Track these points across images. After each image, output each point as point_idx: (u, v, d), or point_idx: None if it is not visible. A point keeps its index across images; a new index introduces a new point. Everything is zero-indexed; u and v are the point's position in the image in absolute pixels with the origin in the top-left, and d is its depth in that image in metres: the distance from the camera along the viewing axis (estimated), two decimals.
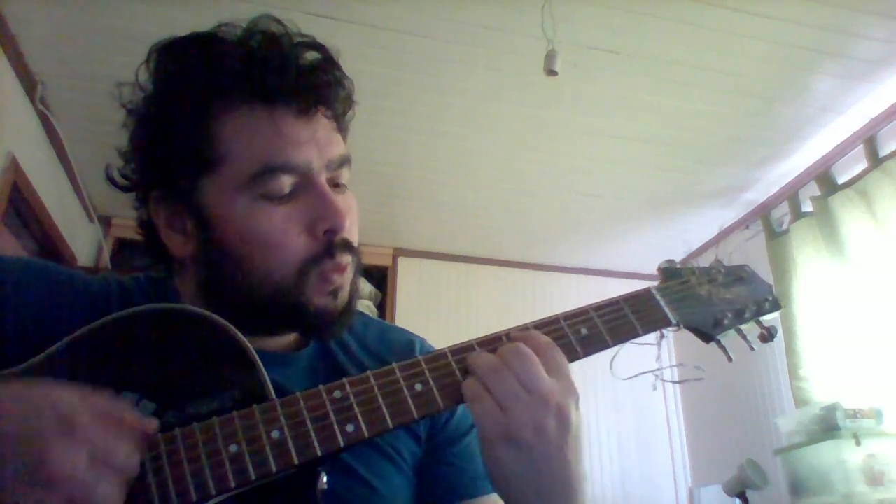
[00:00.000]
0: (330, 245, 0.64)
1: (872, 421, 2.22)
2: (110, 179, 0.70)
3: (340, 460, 0.64)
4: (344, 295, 0.66)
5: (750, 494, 2.42)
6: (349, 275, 0.67)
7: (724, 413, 3.28)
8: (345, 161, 0.68)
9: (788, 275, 2.77)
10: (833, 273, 2.56)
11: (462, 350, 0.60)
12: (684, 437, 3.61)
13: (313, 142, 0.64)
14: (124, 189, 0.69)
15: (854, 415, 2.22)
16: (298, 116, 0.63)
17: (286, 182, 0.62)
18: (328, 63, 0.67)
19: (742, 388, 3.14)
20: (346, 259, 0.66)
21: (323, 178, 0.65)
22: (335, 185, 0.67)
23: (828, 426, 2.23)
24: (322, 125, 0.66)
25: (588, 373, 4.00)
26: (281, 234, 0.62)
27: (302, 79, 0.64)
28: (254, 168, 0.62)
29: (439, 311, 3.50)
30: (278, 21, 0.66)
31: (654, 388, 3.28)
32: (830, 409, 2.24)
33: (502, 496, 0.58)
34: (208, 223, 0.64)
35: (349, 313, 0.68)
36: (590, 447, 3.48)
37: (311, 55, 0.66)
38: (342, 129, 0.71)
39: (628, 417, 3.58)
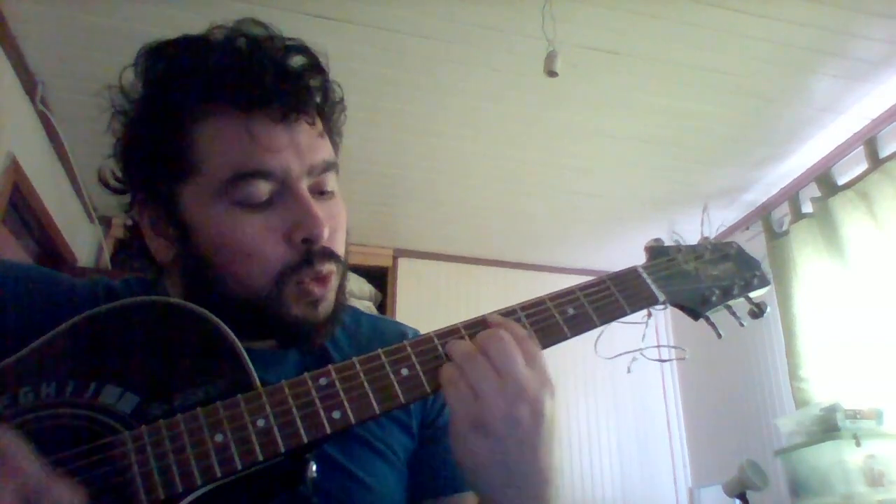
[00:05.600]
0: (308, 254, 0.62)
1: (872, 422, 2.22)
2: (102, 181, 0.69)
3: (332, 458, 0.64)
4: (326, 305, 0.65)
5: (750, 495, 2.41)
6: (332, 285, 0.65)
7: (724, 413, 3.28)
8: (329, 166, 0.66)
9: (789, 276, 2.77)
10: (833, 274, 2.56)
11: (448, 333, 0.60)
12: (684, 437, 3.61)
13: (292, 148, 0.62)
14: (116, 192, 0.69)
15: (854, 415, 2.21)
16: (275, 122, 0.62)
17: (262, 189, 0.61)
18: (310, 67, 0.66)
19: (742, 388, 3.14)
20: (327, 268, 0.64)
21: (303, 185, 0.63)
22: (320, 192, 0.66)
23: (828, 427, 2.23)
24: (303, 130, 0.64)
25: (588, 373, 3.98)
26: (257, 242, 0.61)
27: (279, 84, 0.62)
28: (228, 174, 0.61)
29: (439, 311, 3.50)
30: (263, 25, 0.66)
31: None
32: (830, 410, 2.24)
33: (472, 486, 0.57)
34: (187, 230, 0.63)
35: (331, 324, 0.66)
36: (590, 447, 3.48)
37: (296, 59, 0.65)
38: (331, 133, 0.70)
39: (628, 418, 3.58)
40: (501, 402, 0.53)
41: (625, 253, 3.57)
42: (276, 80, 0.62)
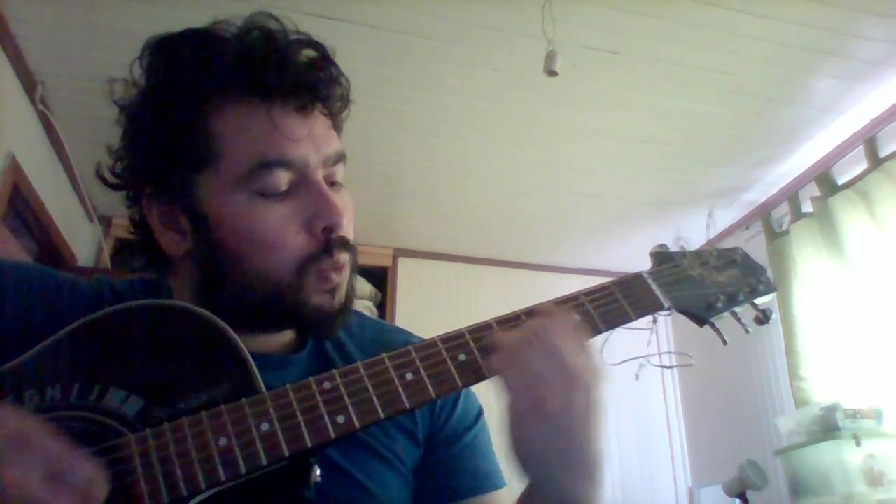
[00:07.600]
0: (328, 243, 0.64)
1: (872, 421, 2.22)
2: (101, 177, 0.69)
3: (337, 465, 0.64)
4: (341, 294, 0.66)
5: (750, 495, 2.41)
6: (346, 273, 0.67)
7: (724, 413, 3.28)
8: (340, 158, 0.68)
9: (788, 275, 2.77)
10: (833, 274, 2.55)
11: (453, 338, 0.60)
12: (684, 437, 3.61)
13: (310, 138, 0.64)
14: (115, 187, 0.69)
15: (854, 415, 2.21)
16: (296, 113, 0.63)
17: (283, 178, 0.62)
18: (324, 60, 0.67)
19: (742, 388, 3.14)
20: (344, 257, 0.65)
21: (320, 176, 0.65)
22: (332, 182, 0.67)
23: (828, 426, 2.23)
24: (319, 122, 0.66)
25: None
26: (278, 231, 0.62)
27: (299, 75, 0.63)
28: (250, 164, 0.61)
29: (439, 311, 3.50)
30: (275, 18, 0.66)
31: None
32: (830, 410, 2.24)
33: (525, 472, 0.57)
34: (204, 221, 0.63)
35: (346, 312, 0.67)
36: None
37: (308, 52, 0.66)
38: (338, 126, 0.71)
39: (628, 417, 3.58)
40: (560, 389, 0.54)
41: (625, 253, 3.57)
42: (297, 71, 0.63)
